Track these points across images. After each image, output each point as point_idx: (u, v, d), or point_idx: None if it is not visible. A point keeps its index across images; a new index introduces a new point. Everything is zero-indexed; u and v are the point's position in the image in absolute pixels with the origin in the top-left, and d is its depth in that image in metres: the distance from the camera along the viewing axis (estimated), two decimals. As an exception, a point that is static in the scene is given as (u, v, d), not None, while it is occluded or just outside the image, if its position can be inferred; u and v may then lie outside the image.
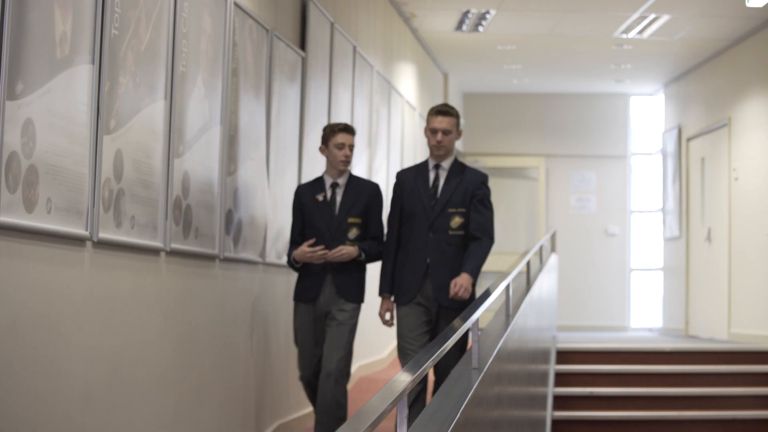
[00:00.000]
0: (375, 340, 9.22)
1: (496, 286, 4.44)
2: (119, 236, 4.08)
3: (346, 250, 5.54)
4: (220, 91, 5.20)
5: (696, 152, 12.35)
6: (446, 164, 5.51)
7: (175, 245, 4.62)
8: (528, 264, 6.89)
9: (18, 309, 3.40)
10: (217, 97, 5.17)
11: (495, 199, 5.94)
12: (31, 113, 3.42)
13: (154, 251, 4.44)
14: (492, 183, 5.66)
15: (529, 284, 6.68)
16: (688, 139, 12.57)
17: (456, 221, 5.41)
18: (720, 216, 11.43)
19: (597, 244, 14.79)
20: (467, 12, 10.32)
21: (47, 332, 3.57)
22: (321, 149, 5.68)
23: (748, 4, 9.40)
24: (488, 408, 3.60)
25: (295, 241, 5.68)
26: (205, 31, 5.01)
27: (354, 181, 5.72)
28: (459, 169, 5.51)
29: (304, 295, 5.64)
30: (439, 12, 10.39)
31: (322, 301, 5.59)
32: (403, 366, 5.20)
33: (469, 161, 14.21)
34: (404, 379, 2.42)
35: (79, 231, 3.74)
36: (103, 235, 3.92)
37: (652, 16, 10.25)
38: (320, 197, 5.66)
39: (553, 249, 10.86)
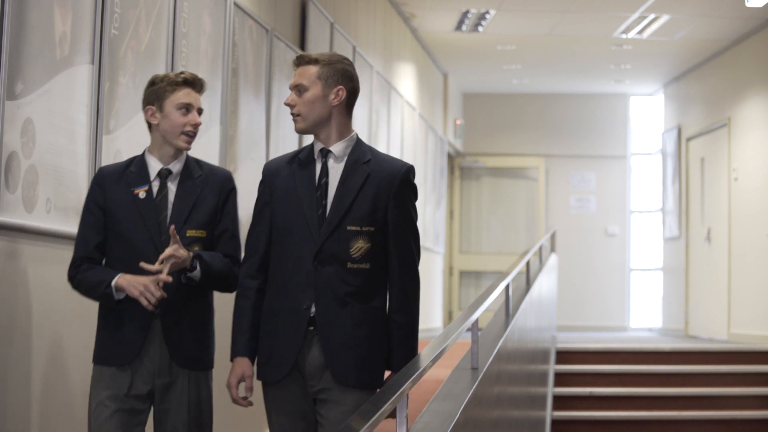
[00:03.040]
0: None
1: (495, 286, 4.44)
2: (119, 236, 4.06)
3: (181, 254, 3.28)
4: (220, 91, 5.20)
5: (696, 152, 12.35)
6: (338, 149, 3.21)
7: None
8: (528, 264, 6.90)
9: (18, 309, 3.39)
10: (217, 97, 5.17)
11: (495, 199, 5.60)
12: (31, 113, 3.42)
13: (153, 251, 4.43)
14: (492, 183, 5.23)
15: (528, 284, 6.69)
16: (688, 139, 12.57)
17: (359, 246, 3.15)
18: (719, 216, 11.43)
19: (597, 244, 14.78)
20: (467, 12, 10.32)
21: (47, 332, 3.56)
22: (148, 113, 3.39)
23: (748, 4, 9.40)
24: (488, 408, 3.60)
25: (91, 257, 3.33)
26: (205, 31, 5.01)
27: (194, 168, 3.45)
28: (361, 157, 3.21)
29: (113, 354, 3.31)
30: (438, 12, 10.38)
31: (148, 368, 3.32)
32: None
33: (468, 162, 14.20)
34: (404, 378, 2.42)
35: (79, 231, 3.73)
36: (103, 235, 3.91)
37: (652, 16, 10.25)
38: (141, 192, 3.36)
39: (552, 249, 10.87)
